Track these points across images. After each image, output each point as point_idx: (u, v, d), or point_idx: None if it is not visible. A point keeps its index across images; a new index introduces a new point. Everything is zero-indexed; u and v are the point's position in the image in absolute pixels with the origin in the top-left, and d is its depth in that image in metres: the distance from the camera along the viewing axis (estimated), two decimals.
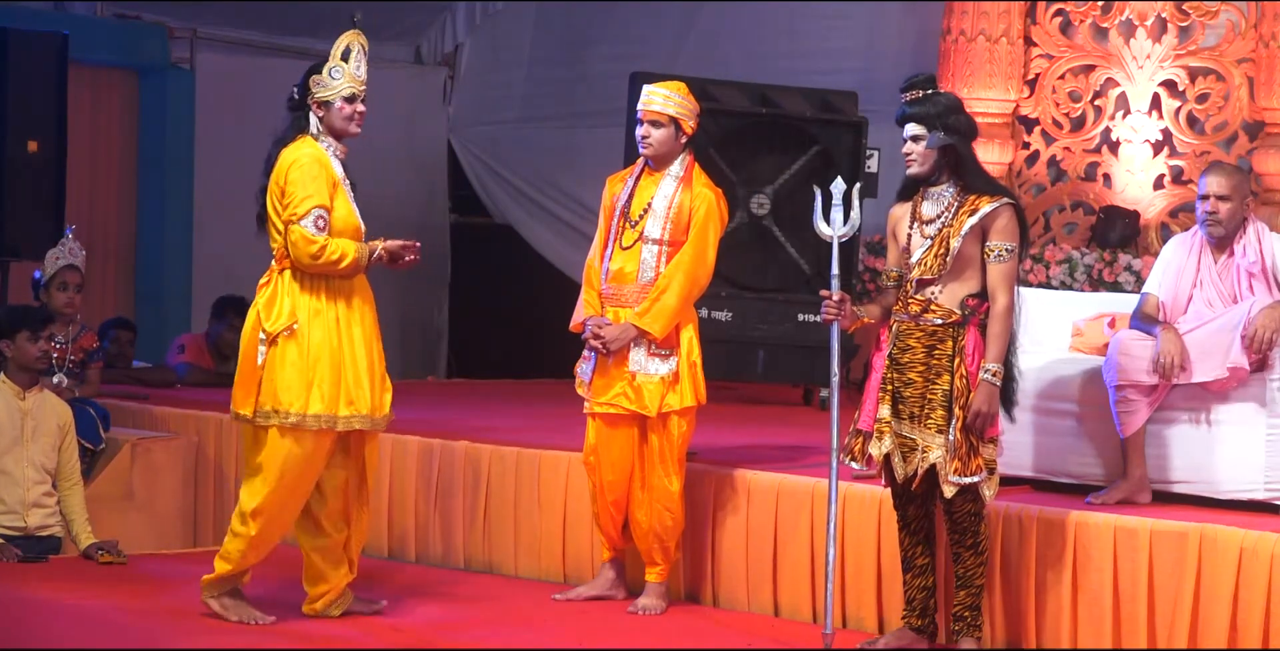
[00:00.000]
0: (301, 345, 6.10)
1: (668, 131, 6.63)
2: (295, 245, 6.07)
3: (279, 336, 6.09)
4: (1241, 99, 10.05)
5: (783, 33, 11.68)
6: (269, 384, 6.09)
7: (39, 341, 7.25)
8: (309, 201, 6.08)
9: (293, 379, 6.08)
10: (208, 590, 6.25)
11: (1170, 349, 6.39)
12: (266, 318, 6.11)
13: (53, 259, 8.14)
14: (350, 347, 6.17)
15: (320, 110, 6.21)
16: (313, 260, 6.08)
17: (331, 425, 6.12)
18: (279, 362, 6.09)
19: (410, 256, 6.26)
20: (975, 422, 5.83)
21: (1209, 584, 5.92)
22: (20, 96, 9.01)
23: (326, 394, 6.10)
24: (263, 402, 6.08)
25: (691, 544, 6.97)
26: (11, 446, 7.21)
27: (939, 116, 5.95)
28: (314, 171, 6.11)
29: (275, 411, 6.07)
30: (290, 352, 6.09)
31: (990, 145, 10.18)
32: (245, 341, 6.17)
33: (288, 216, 6.09)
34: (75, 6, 11.23)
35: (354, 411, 6.16)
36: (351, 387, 6.16)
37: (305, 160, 6.12)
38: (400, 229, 12.94)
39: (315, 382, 6.09)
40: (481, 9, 13.14)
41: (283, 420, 6.07)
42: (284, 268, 6.15)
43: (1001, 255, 5.91)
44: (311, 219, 6.07)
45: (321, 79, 6.22)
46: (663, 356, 6.61)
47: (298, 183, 6.09)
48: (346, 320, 6.18)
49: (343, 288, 6.20)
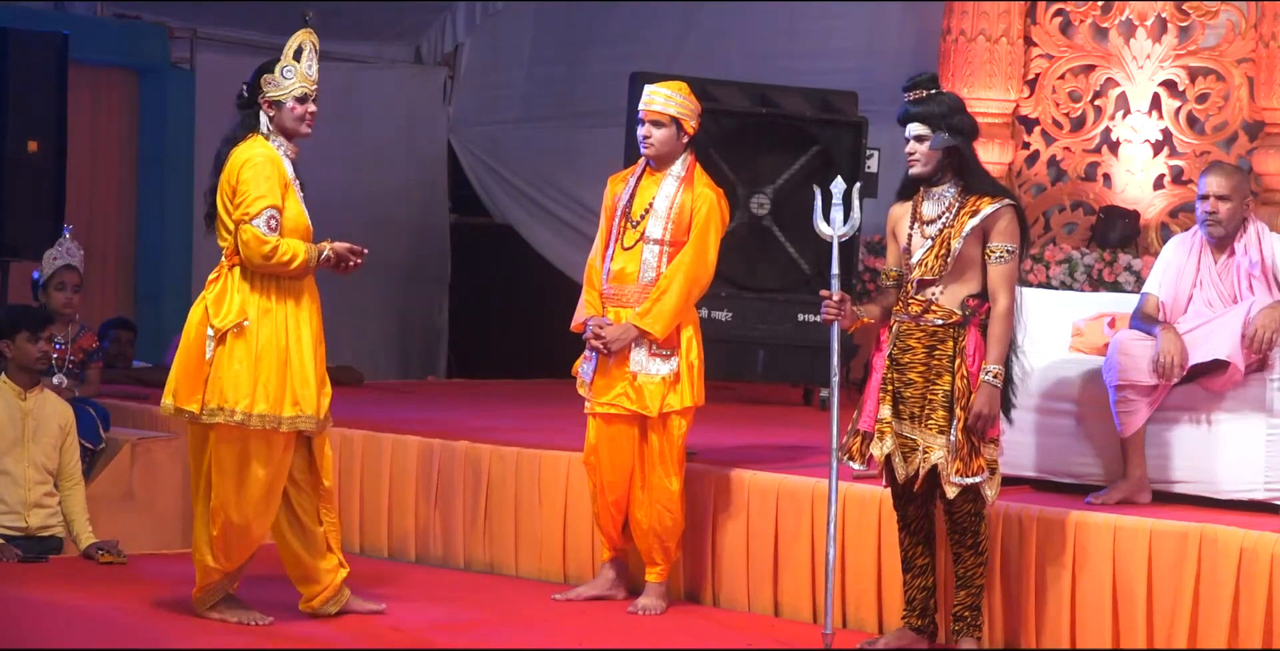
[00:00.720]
0: (250, 343, 6.06)
1: (669, 131, 6.63)
2: (247, 245, 6.03)
3: (228, 333, 6.05)
4: (1241, 99, 10.05)
5: (783, 33, 11.67)
6: (215, 381, 6.04)
7: (39, 342, 7.25)
8: (261, 201, 6.04)
9: (240, 377, 6.03)
10: (200, 604, 6.23)
11: (1170, 349, 6.39)
12: (215, 314, 6.06)
13: (50, 259, 8.14)
14: (298, 347, 6.13)
15: (271, 109, 6.18)
16: (264, 260, 6.04)
17: (275, 425, 6.07)
18: (226, 360, 6.05)
19: (356, 261, 6.22)
20: (976, 424, 5.83)
21: (1209, 584, 5.92)
22: (20, 96, 9.01)
23: (272, 393, 6.06)
24: (209, 399, 6.03)
25: (691, 544, 6.97)
26: (12, 446, 7.21)
27: (943, 116, 5.95)
28: (266, 171, 6.07)
29: (221, 409, 6.03)
30: (238, 350, 6.05)
31: (990, 145, 10.18)
32: (190, 336, 6.10)
33: (239, 216, 6.05)
34: (75, 6, 11.23)
35: (299, 412, 6.11)
36: (298, 388, 6.11)
37: (258, 159, 6.08)
38: (400, 229, 13.03)
39: (261, 382, 6.05)
40: (481, 9, 13.14)
41: (228, 418, 6.03)
42: (234, 265, 6.11)
43: (1003, 256, 5.91)
44: (264, 219, 6.03)
45: (273, 78, 6.17)
46: (664, 357, 6.61)
47: (250, 182, 6.05)
48: (295, 319, 6.15)
49: (292, 287, 6.16)
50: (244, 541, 6.17)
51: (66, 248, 8.18)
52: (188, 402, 6.07)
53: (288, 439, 6.14)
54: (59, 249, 8.17)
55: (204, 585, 6.21)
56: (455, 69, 13.24)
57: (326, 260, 6.15)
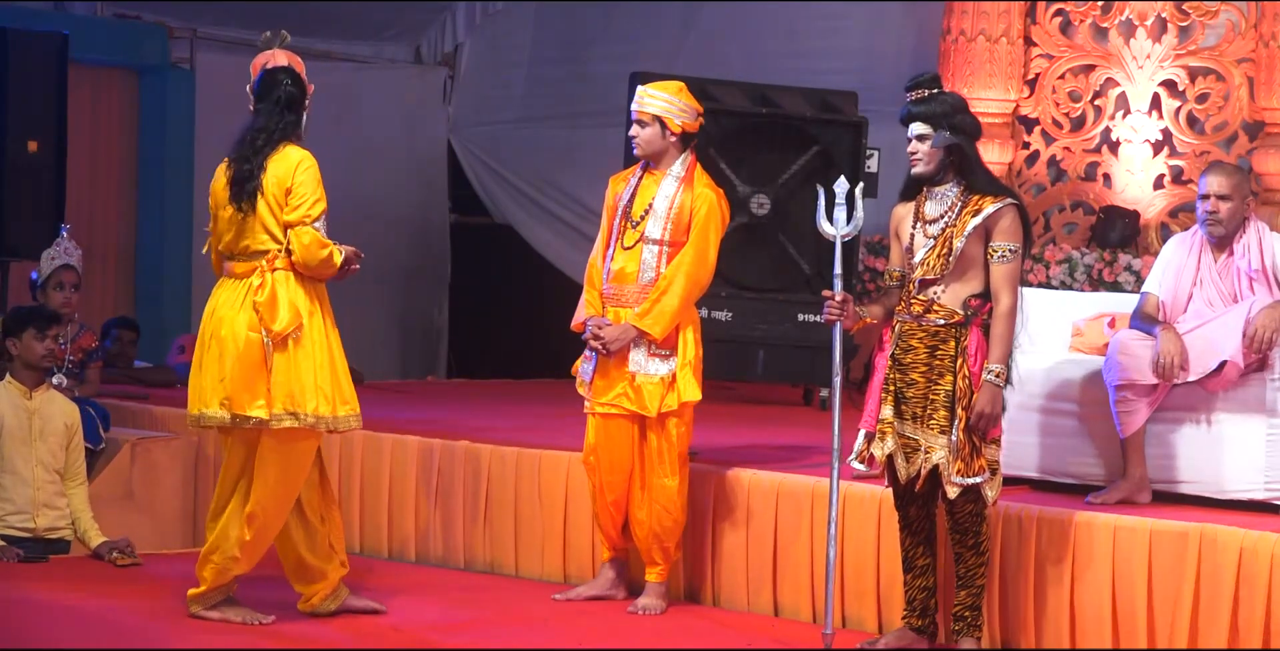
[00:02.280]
0: (305, 346, 6.09)
1: (653, 130, 6.64)
2: (308, 248, 6.06)
3: (288, 338, 6.07)
4: (1241, 99, 10.05)
5: (783, 33, 11.67)
6: (281, 385, 6.04)
7: (45, 339, 7.26)
8: (320, 204, 6.12)
9: (305, 380, 6.07)
10: (199, 603, 6.22)
11: (1170, 349, 6.39)
12: (272, 319, 6.04)
13: (48, 259, 8.14)
14: (338, 346, 6.19)
15: (307, 111, 6.25)
16: (321, 263, 6.08)
17: (335, 426, 6.13)
18: (289, 364, 6.06)
19: (355, 265, 6.23)
20: (979, 424, 5.83)
21: (1209, 584, 5.92)
22: (20, 96, 9.01)
23: (328, 394, 6.11)
24: (274, 405, 6.04)
25: (691, 544, 6.97)
26: (20, 446, 7.22)
27: (945, 116, 5.95)
28: (317, 174, 6.14)
29: (293, 413, 6.05)
30: (298, 354, 6.08)
31: (990, 145, 10.18)
32: (240, 342, 6.05)
33: (299, 217, 6.07)
34: (75, 6, 11.23)
35: (350, 411, 6.17)
36: (345, 387, 6.17)
37: (308, 162, 6.13)
38: (400, 229, 13.03)
39: (319, 383, 6.09)
40: (481, 9, 13.14)
41: (301, 422, 6.05)
42: (275, 268, 6.10)
43: (1005, 256, 5.91)
44: (322, 221, 6.11)
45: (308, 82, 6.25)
46: (663, 357, 6.61)
47: (308, 185, 6.10)
48: (329, 320, 6.20)
49: (319, 288, 6.21)
50: (270, 542, 6.23)
51: (65, 247, 8.18)
52: (250, 409, 6.04)
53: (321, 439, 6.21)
54: (57, 249, 8.17)
55: (216, 585, 6.20)
56: (455, 69, 13.24)
57: (344, 263, 6.19)
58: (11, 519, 7.18)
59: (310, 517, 6.28)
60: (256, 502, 6.11)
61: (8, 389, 7.27)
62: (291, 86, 6.22)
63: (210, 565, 6.18)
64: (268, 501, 6.11)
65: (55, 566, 7.08)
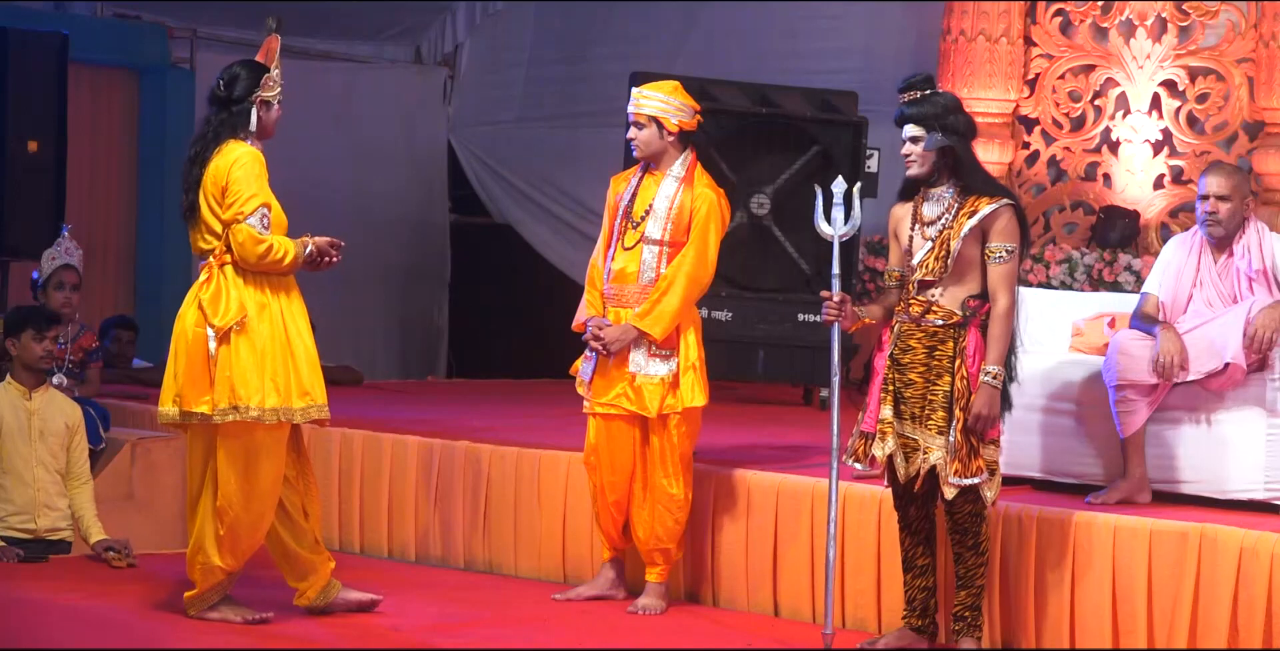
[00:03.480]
0: (252, 339, 6.07)
1: (650, 131, 6.64)
2: (243, 245, 6.05)
3: (229, 331, 6.06)
4: (1241, 99, 10.05)
5: (783, 33, 11.67)
6: (223, 380, 6.04)
7: (43, 340, 7.26)
8: (254, 200, 6.07)
9: (249, 373, 6.05)
10: (195, 606, 6.21)
11: (1170, 348, 6.39)
12: (214, 313, 6.06)
13: (49, 259, 8.13)
14: (300, 338, 6.16)
15: (261, 109, 6.19)
16: (259, 259, 6.06)
17: (289, 417, 6.10)
18: (232, 357, 6.05)
19: (335, 255, 6.22)
20: (976, 425, 5.83)
21: (1209, 584, 5.92)
22: (20, 96, 9.01)
23: (280, 386, 6.08)
24: (218, 399, 6.04)
25: (691, 544, 6.97)
26: (20, 447, 7.21)
27: (937, 117, 5.94)
28: (256, 169, 6.09)
29: (235, 407, 6.04)
30: (242, 347, 6.06)
31: (990, 145, 10.19)
32: (187, 339, 6.09)
33: (232, 215, 6.06)
34: (75, 6, 11.23)
35: (310, 402, 6.15)
36: (306, 379, 6.15)
37: (246, 158, 6.10)
38: (400, 229, 13.01)
39: (269, 375, 6.07)
40: (481, 9, 13.14)
41: (242, 415, 6.04)
42: (224, 263, 6.11)
43: (1002, 256, 5.90)
44: (257, 217, 6.06)
45: (271, 78, 6.20)
46: (663, 357, 6.61)
47: (242, 181, 6.07)
48: (290, 312, 6.17)
49: (282, 282, 6.18)
50: (252, 538, 6.19)
51: (65, 247, 8.18)
52: (196, 405, 6.07)
53: (287, 433, 6.16)
54: (57, 248, 8.16)
55: (208, 586, 6.19)
56: (455, 69, 13.24)
57: (311, 255, 6.16)
58: (12, 520, 7.18)
59: (294, 515, 6.27)
60: (223, 497, 6.10)
61: (7, 390, 7.27)
62: (223, 85, 6.19)
63: (197, 566, 6.19)
64: (234, 496, 6.09)
65: (55, 566, 7.08)
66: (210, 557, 6.15)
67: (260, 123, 6.19)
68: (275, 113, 6.23)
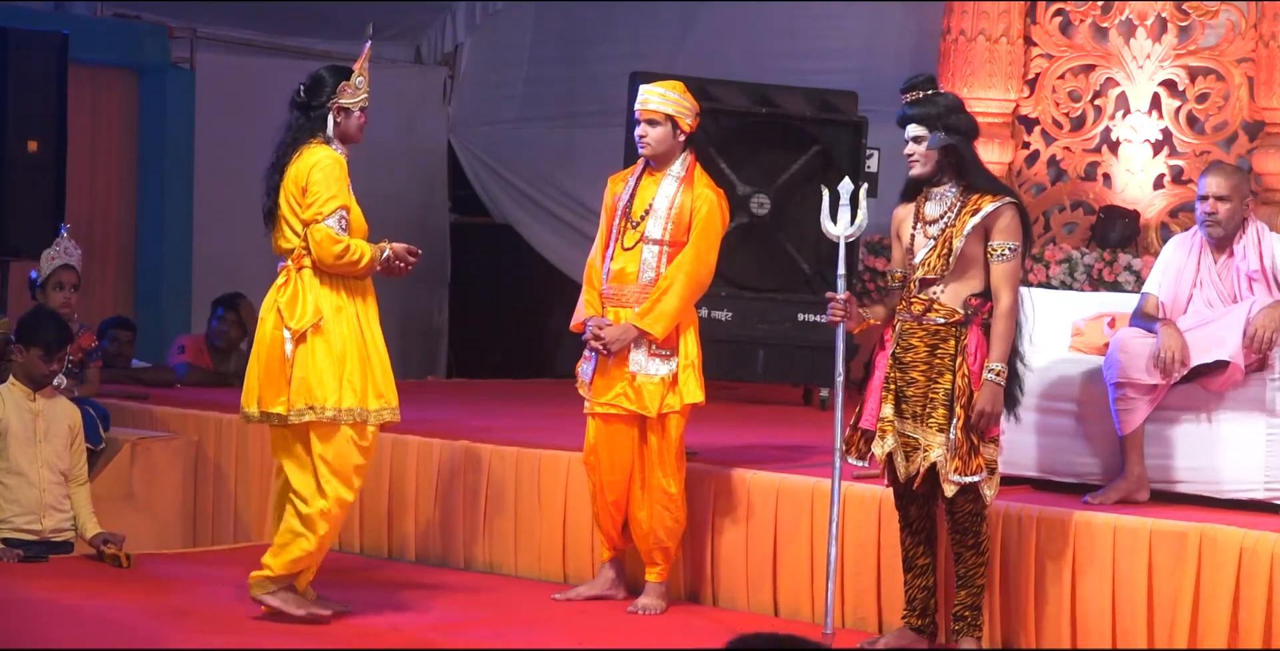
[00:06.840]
0: (328, 341, 6.16)
1: (665, 130, 6.63)
2: (320, 245, 6.13)
3: (306, 333, 6.14)
4: (1241, 99, 10.05)
5: (783, 33, 11.68)
6: (300, 381, 6.13)
7: (52, 362, 7.28)
8: (334, 202, 6.15)
9: (325, 374, 6.14)
10: (263, 586, 6.22)
11: (1171, 344, 6.39)
12: (290, 316, 6.15)
13: (48, 259, 8.13)
14: (374, 342, 6.28)
15: (339, 115, 6.27)
16: (336, 260, 6.15)
17: (364, 419, 6.20)
18: (308, 359, 6.14)
19: (411, 261, 6.28)
20: (980, 422, 5.83)
21: (1209, 584, 5.92)
22: (20, 96, 9.01)
23: (357, 388, 6.18)
24: (294, 400, 6.13)
25: (691, 544, 6.97)
26: (25, 448, 7.21)
27: (940, 117, 5.96)
28: (336, 173, 6.18)
29: (310, 408, 6.13)
30: (319, 349, 6.16)
31: (990, 145, 10.18)
32: (265, 342, 6.19)
33: (311, 216, 6.15)
34: (75, 6, 11.23)
35: (384, 404, 6.26)
36: (379, 381, 6.26)
37: (327, 162, 6.19)
38: (400, 229, 13.00)
39: (345, 377, 6.16)
40: (481, 9, 13.14)
41: (318, 416, 6.12)
42: (301, 266, 6.19)
43: (1004, 254, 5.91)
44: (335, 219, 6.15)
45: (350, 86, 6.27)
46: (663, 357, 6.61)
47: (322, 183, 6.15)
48: (365, 316, 6.27)
49: (358, 285, 6.28)
50: (332, 538, 6.32)
51: (64, 247, 8.18)
52: (272, 405, 6.15)
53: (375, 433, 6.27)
54: (57, 248, 8.16)
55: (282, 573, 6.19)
56: (455, 69, 13.24)
57: (387, 260, 6.23)
58: (18, 520, 7.17)
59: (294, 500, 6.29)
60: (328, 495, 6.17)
61: (11, 391, 7.27)
62: (304, 90, 6.30)
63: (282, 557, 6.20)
64: (329, 493, 6.16)
65: (55, 566, 7.07)
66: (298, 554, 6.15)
67: (339, 128, 6.27)
68: (356, 119, 6.29)
